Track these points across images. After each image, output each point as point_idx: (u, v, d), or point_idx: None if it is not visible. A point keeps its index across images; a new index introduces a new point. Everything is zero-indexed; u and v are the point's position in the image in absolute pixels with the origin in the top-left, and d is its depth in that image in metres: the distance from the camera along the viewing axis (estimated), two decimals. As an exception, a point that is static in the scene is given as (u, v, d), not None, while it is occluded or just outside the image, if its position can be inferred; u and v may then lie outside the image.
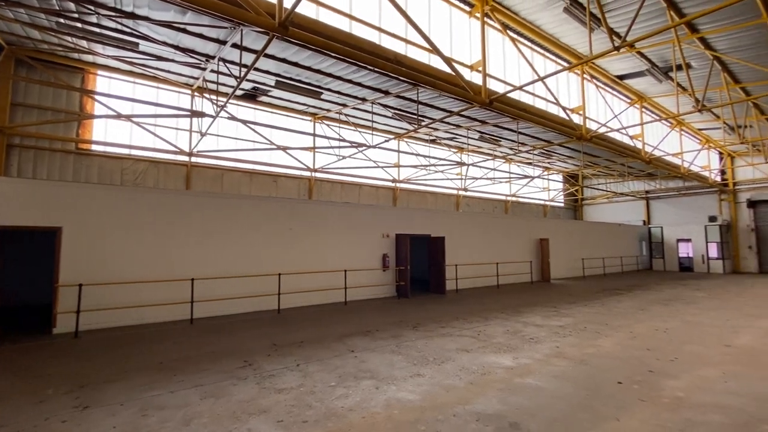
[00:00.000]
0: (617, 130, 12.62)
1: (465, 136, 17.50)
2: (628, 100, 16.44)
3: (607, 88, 15.40)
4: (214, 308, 9.34)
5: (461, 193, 21.79)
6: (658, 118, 17.13)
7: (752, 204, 22.24)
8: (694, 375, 5.13)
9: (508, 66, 12.62)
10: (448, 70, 8.60)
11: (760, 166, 22.07)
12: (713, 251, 22.11)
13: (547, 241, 18.23)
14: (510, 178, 21.97)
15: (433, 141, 19.19)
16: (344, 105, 13.84)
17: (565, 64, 12.91)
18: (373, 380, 4.94)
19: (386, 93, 12.47)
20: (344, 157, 15.63)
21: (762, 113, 16.35)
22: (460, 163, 17.66)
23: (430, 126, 15.81)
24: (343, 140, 14.80)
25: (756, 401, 4.26)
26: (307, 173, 16.10)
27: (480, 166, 21.92)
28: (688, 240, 23.19)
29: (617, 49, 7.10)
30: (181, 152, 12.29)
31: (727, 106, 14.83)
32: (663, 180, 25.25)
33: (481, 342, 6.85)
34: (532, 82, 9.01)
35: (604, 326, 8.11)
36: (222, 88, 12.30)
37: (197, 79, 12.11)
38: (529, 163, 23.42)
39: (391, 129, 17.22)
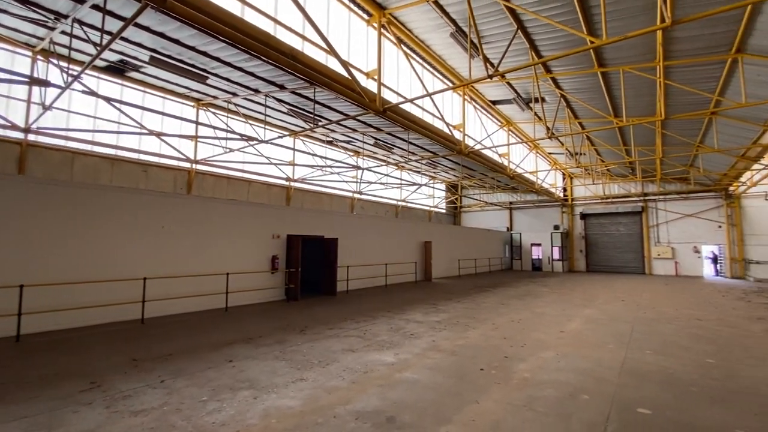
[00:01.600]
0: (489, 148, 14.46)
1: (361, 141, 17.93)
2: (499, 123, 18.99)
3: (483, 111, 17.53)
4: (50, 321, 7.63)
5: (356, 195, 22.24)
6: (520, 140, 20.19)
7: (583, 216, 27.86)
8: (537, 357, 6.14)
9: (402, 79, 13.37)
10: (344, 73, 8.69)
11: (590, 187, 27.82)
12: (556, 254, 26.97)
13: (430, 244, 19.81)
14: (401, 184, 23.30)
15: (330, 142, 19.17)
16: (234, 94, 12.85)
17: (450, 84, 14.28)
18: (251, 390, 4.65)
19: (282, 87, 12.00)
20: (232, 150, 14.49)
21: (592, 144, 20.62)
22: (356, 167, 18.02)
23: (327, 127, 15.75)
24: (232, 131, 13.70)
25: (578, 375, 5.30)
26: (186, 164, 14.44)
27: (374, 171, 22.71)
28: (539, 244, 27.83)
29: (490, 77, 8.13)
30: (14, 127, 9.82)
31: (569, 136, 18.30)
32: (523, 193, 29.81)
33: (366, 341, 7.05)
34: (422, 97, 9.71)
35: (473, 320, 9.15)
36: (78, 56, 10.25)
37: (42, 39, 9.85)
38: (418, 172, 25.20)
39: (286, 125, 16.62)
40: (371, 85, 11.64)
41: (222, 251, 10.81)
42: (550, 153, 24.32)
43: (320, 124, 14.43)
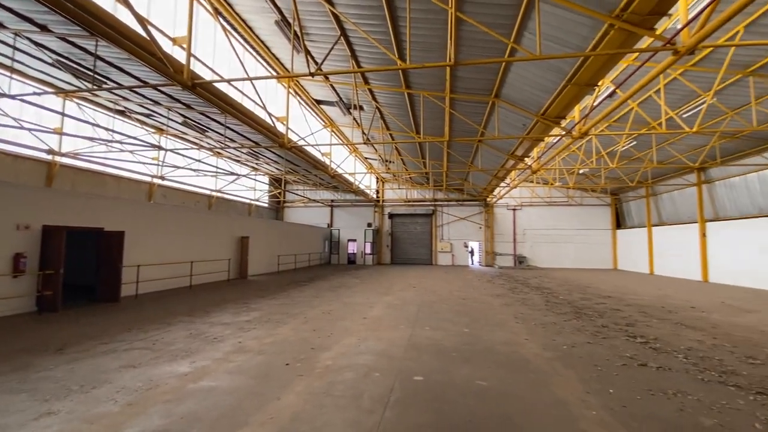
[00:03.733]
0: (313, 146, 14.72)
1: (166, 117, 15.28)
2: (323, 123, 19.60)
3: (308, 108, 17.71)
4: None
5: (157, 181, 18.82)
6: (341, 142, 21.40)
7: (391, 216, 31.84)
8: (341, 345, 6.60)
9: (221, 57, 12.10)
10: (141, 31, 7.18)
11: (397, 191, 32.01)
12: (368, 249, 29.90)
13: (248, 239, 18.69)
14: (217, 172, 21.08)
15: (121, 113, 15.57)
16: (-50, 19, 8.84)
17: (274, 74, 13.81)
18: (-49, 444, 3.26)
19: (44, 28, 8.99)
20: (-56, 101, 9.95)
21: (399, 154, 23.76)
22: (157, 147, 15.20)
23: (115, 92, 12.74)
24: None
25: (374, 356, 5.96)
26: None
27: (183, 155, 19.79)
28: (355, 240, 30.25)
29: (312, 74, 8.25)
30: None
31: (381, 145, 20.55)
32: (343, 192, 31.76)
33: (155, 352, 6.02)
34: (242, 80, 8.99)
35: (285, 315, 9.12)
36: None
37: None
38: (238, 161, 23.39)
39: (52, 81, 12.56)
40: (180, 55, 10.05)
41: None
42: (366, 158, 26.71)
43: (105, 87, 11.53)
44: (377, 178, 31.99)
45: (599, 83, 9.27)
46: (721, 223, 18.47)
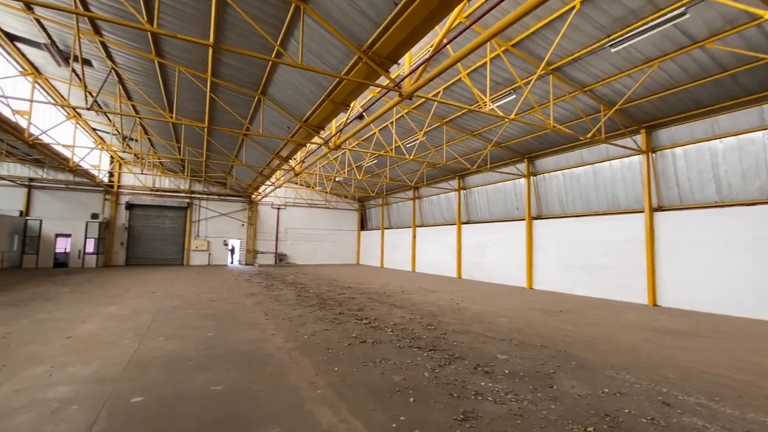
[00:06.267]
0: (-7, 96, 10.09)
1: None
2: (21, 69, 13.89)
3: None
4: None
5: None
6: (53, 102, 15.82)
7: (130, 206, 25.99)
8: (19, 378, 4.77)
9: None
10: None
11: (140, 176, 26.47)
12: (90, 247, 23.23)
13: None
14: None
15: None
16: None
17: None
18: None
19: None
20: None
21: (146, 132, 19.74)
22: None
23: None
24: None
25: (74, 385, 4.60)
26: None
27: None
28: (69, 235, 22.86)
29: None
30: None
31: (119, 116, 16.50)
32: (52, 170, 23.49)
33: None
34: None
35: None
36: None
37: None
38: None
39: None
40: None
41: None
42: (95, 129, 20.80)
43: None
44: (112, 157, 25.49)
45: (351, 104, 10.76)
46: (424, 228, 25.11)
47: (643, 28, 8.20)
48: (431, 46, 9.44)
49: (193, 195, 27.84)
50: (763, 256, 9.94)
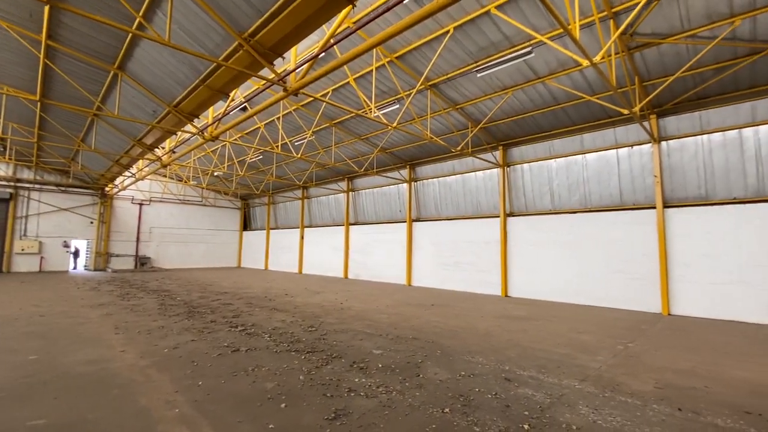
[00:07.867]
0: None
1: None
2: None
3: None
4: None
5: None
6: None
7: None
8: None
9: None
10: None
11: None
12: None
13: None
14: None
15: None
16: None
17: None
18: None
19: None
20: None
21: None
22: None
23: None
24: None
25: None
26: None
27: None
28: None
29: None
30: None
31: None
32: None
33: None
34: None
35: None
36: None
37: None
38: None
39: None
40: None
41: None
42: None
43: None
44: None
45: (231, 94, 9.97)
46: (313, 229, 24.77)
47: (502, 59, 9.63)
48: (318, 48, 9.38)
49: (19, 184, 22.09)
50: (580, 254, 12.62)
